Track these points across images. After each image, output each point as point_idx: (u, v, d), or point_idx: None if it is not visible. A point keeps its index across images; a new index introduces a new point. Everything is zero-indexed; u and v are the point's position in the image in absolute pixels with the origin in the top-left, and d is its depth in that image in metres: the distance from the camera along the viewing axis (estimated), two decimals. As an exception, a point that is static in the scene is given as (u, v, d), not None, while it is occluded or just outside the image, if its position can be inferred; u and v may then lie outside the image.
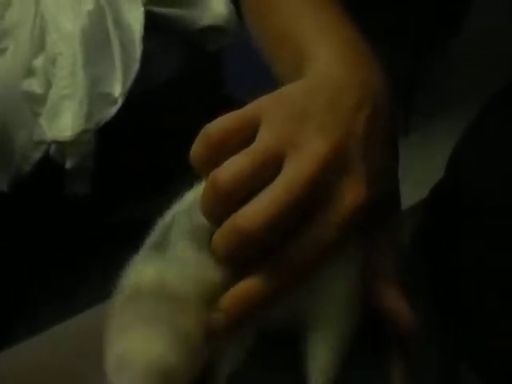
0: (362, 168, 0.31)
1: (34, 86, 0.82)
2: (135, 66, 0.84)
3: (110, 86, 0.82)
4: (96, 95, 0.81)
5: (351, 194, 0.30)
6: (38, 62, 0.83)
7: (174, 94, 0.89)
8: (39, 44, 0.84)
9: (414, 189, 0.50)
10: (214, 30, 0.92)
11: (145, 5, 0.89)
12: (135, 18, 0.88)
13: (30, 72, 0.83)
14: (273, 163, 0.29)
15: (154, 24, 0.89)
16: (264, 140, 0.29)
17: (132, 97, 0.83)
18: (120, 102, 0.82)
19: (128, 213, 0.88)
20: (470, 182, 0.40)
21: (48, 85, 0.82)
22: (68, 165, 0.81)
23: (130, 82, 0.83)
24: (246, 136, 0.30)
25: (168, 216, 0.32)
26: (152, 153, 0.89)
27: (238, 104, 0.32)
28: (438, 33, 1.79)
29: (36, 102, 0.82)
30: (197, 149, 0.30)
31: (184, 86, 0.91)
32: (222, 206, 0.29)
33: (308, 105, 0.31)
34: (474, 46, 1.69)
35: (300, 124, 0.30)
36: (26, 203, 0.84)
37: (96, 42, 0.84)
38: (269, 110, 0.30)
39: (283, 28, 0.39)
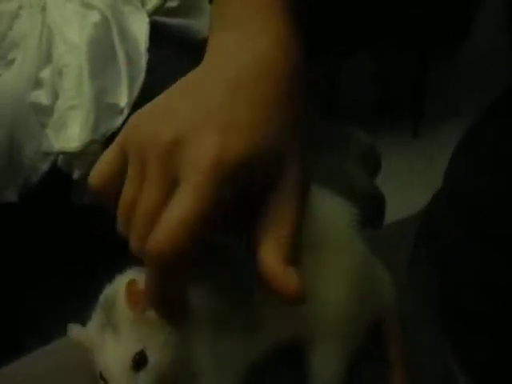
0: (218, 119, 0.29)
1: (42, 97, 0.83)
2: (141, 77, 0.85)
3: (116, 96, 0.83)
4: (102, 106, 0.82)
5: (202, 147, 0.28)
6: (45, 74, 0.84)
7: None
8: (46, 55, 0.85)
9: (421, 193, 0.50)
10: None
11: (150, 15, 0.90)
12: (140, 29, 0.88)
13: (37, 83, 0.83)
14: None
15: (159, 34, 0.90)
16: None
17: (138, 107, 0.83)
18: (126, 112, 0.83)
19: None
20: (466, 189, 0.40)
21: (55, 96, 0.83)
22: (75, 175, 0.82)
23: (135, 93, 0.84)
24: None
25: None
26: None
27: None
28: (445, 38, 1.79)
29: (43, 113, 0.83)
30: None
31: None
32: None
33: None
34: (482, 51, 1.69)
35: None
36: (34, 213, 0.84)
37: (102, 53, 0.84)
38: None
39: None
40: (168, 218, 0.28)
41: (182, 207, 0.28)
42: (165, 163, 0.29)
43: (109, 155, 0.32)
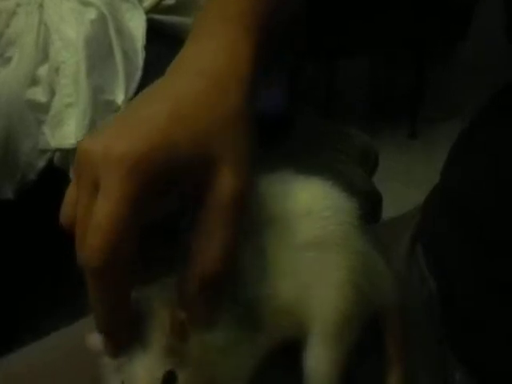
0: None
1: (38, 94, 0.83)
2: (137, 74, 0.85)
3: (113, 93, 0.83)
4: (99, 103, 0.82)
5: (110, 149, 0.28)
6: (42, 71, 0.84)
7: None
8: (43, 53, 0.84)
9: (418, 193, 0.50)
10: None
11: (147, 13, 0.90)
12: (137, 27, 0.88)
13: (34, 81, 0.83)
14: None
15: (156, 32, 0.89)
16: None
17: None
18: (123, 109, 0.83)
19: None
20: (461, 190, 0.40)
21: (52, 93, 0.83)
22: (72, 173, 0.82)
23: (132, 90, 0.84)
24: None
25: None
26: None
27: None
28: (442, 38, 1.79)
29: (40, 110, 0.82)
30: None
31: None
32: None
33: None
34: (480, 51, 1.69)
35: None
36: (31, 211, 0.84)
37: (99, 50, 0.84)
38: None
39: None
40: (91, 226, 0.29)
41: (98, 214, 0.28)
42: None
43: (70, 196, 0.31)
